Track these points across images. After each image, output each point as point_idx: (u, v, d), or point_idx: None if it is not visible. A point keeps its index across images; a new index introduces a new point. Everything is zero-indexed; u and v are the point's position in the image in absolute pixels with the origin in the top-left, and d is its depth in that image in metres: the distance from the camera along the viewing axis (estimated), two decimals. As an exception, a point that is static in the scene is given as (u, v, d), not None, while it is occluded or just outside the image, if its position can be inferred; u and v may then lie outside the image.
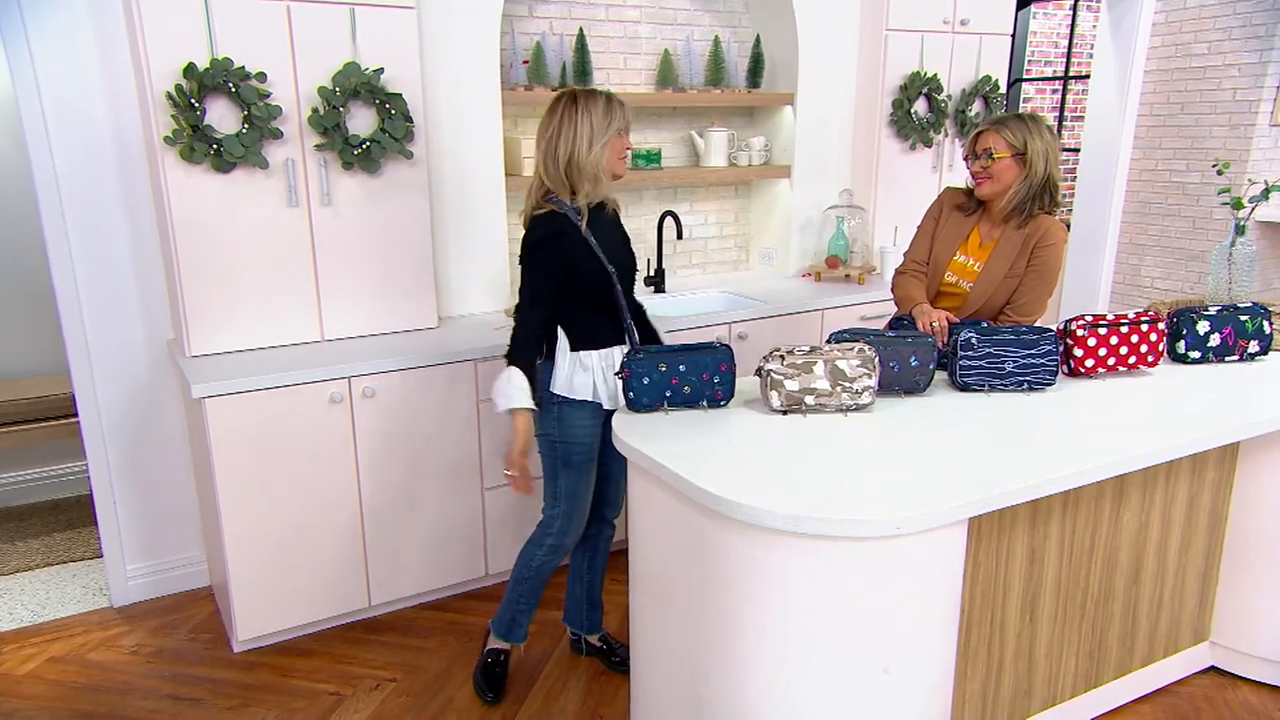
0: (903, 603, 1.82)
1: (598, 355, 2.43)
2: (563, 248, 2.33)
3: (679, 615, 2.01)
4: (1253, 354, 2.69)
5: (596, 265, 2.37)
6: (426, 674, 2.82)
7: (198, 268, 2.78)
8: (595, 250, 2.36)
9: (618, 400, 2.44)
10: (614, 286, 2.40)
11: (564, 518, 2.55)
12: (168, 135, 2.64)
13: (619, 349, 2.45)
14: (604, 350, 2.44)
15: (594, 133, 2.30)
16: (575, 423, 2.45)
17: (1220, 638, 2.77)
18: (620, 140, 2.36)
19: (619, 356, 2.43)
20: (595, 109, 2.31)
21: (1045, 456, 2.00)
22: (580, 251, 2.35)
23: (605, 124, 2.31)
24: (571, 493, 2.54)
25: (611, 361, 2.44)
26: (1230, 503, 2.66)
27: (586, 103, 2.32)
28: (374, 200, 3.00)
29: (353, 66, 2.84)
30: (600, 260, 2.36)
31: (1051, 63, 7.44)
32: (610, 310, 2.43)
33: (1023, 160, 2.55)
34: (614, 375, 2.43)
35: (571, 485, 2.53)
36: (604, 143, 2.31)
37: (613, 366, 2.44)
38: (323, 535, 2.88)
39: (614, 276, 2.39)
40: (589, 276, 2.37)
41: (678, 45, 3.82)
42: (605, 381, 2.45)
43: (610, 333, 2.45)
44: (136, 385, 3.08)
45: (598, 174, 2.33)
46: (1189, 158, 4.91)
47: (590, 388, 2.43)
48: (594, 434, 2.48)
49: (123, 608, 3.20)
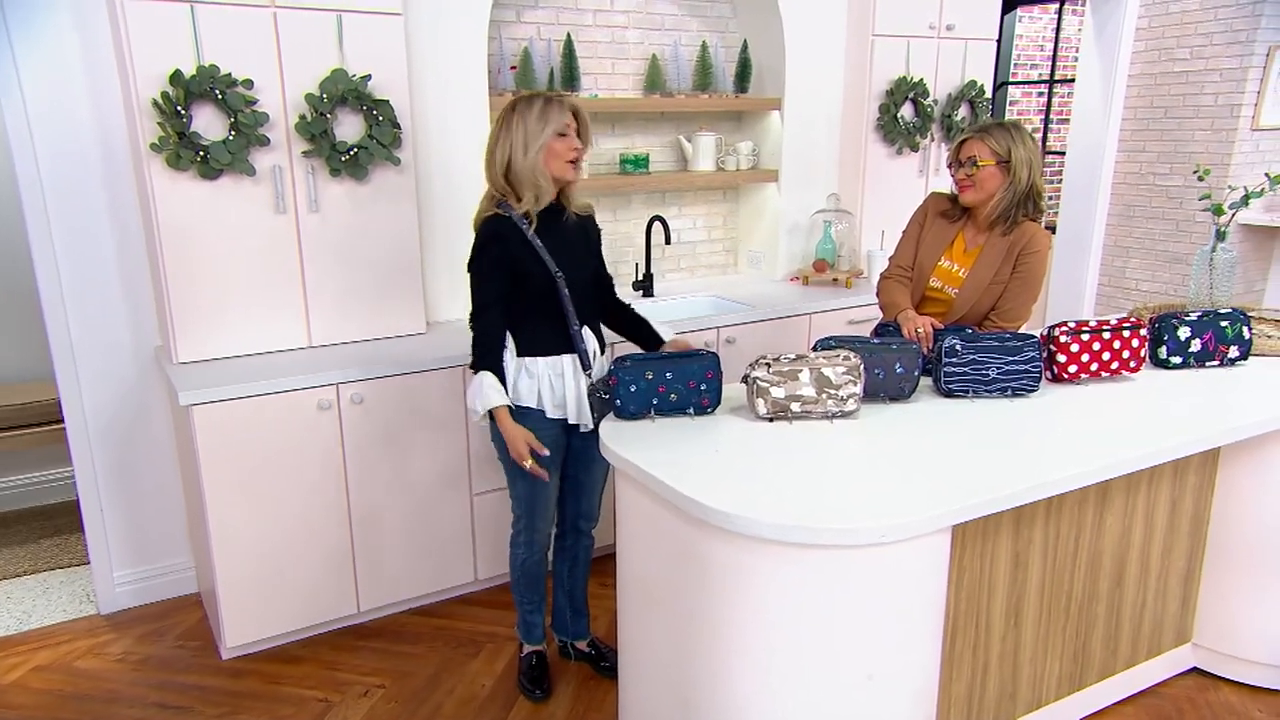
0: (887, 609, 1.84)
1: (544, 362, 2.43)
2: (507, 251, 2.33)
3: (666, 621, 2.02)
4: (1233, 359, 2.71)
5: (541, 270, 2.36)
6: (416, 680, 2.82)
7: (184, 275, 2.78)
8: (541, 255, 2.35)
9: (569, 410, 2.45)
10: (560, 292, 2.38)
11: (525, 519, 2.60)
12: (154, 142, 2.64)
13: (568, 358, 2.44)
14: (551, 358, 2.43)
15: (528, 137, 2.30)
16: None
17: (1202, 639, 2.79)
18: (563, 141, 2.33)
19: (569, 365, 2.43)
20: (530, 113, 2.31)
21: (1029, 463, 2.02)
22: (524, 255, 2.35)
23: (540, 127, 2.30)
24: (529, 500, 2.56)
25: (560, 370, 2.43)
26: (1212, 506, 2.69)
27: (523, 108, 2.32)
28: (362, 206, 3.00)
29: (340, 73, 2.83)
30: (545, 265, 2.36)
31: (1037, 66, 7.48)
32: (557, 317, 2.41)
33: (1006, 168, 2.57)
34: (573, 384, 2.43)
35: (528, 493, 2.55)
36: (539, 146, 2.30)
37: (560, 375, 2.43)
38: (311, 541, 2.88)
39: (560, 281, 2.37)
40: (533, 280, 2.36)
41: (665, 50, 3.83)
42: (553, 390, 2.44)
43: (556, 340, 2.43)
44: (123, 391, 3.07)
45: (535, 178, 2.32)
46: (1172, 161, 4.95)
47: (535, 395, 2.43)
48: (548, 445, 2.45)
49: (110, 615, 3.19)
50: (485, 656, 2.93)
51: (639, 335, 2.63)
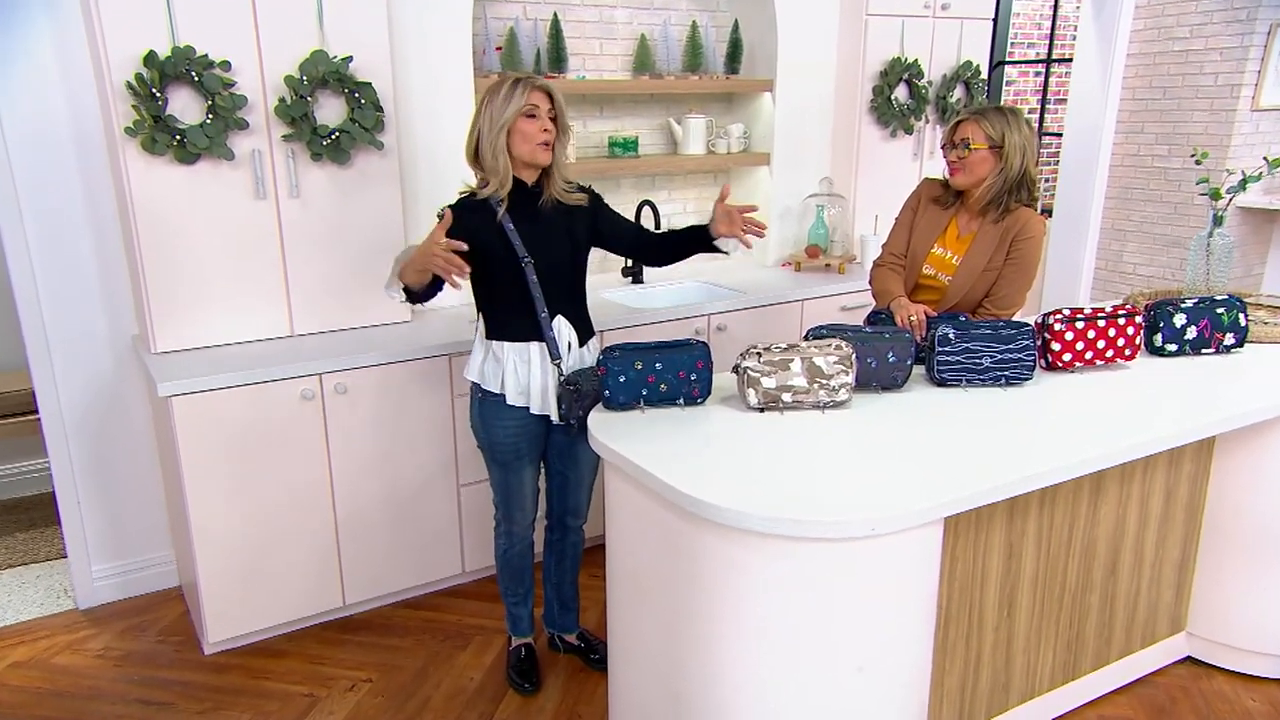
0: (879, 601, 1.87)
1: (510, 348, 2.45)
2: (469, 221, 2.34)
3: (656, 614, 2.05)
4: (1228, 346, 2.75)
5: (508, 254, 2.38)
6: (403, 674, 2.84)
7: (162, 262, 2.78)
8: (510, 239, 2.38)
9: (533, 400, 2.46)
10: (527, 278, 2.40)
11: (502, 509, 2.64)
12: (128, 126, 2.63)
13: (535, 345, 2.45)
14: (518, 344, 2.45)
15: (493, 119, 2.33)
16: (494, 422, 2.48)
17: (1196, 628, 2.84)
18: (531, 123, 2.34)
19: (536, 353, 2.45)
20: (497, 95, 2.33)
21: (1023, 453, 2.05)
22: (491, 237, 2.37)
23: (504, 108, 2.32)
24: (503, 489, 2.60)
25: (526, 357, 2.45)
26: (1206, 495, 2.73)
27: (493, 90, 2.34)
28: (344, 191, 3.00)
29: (320, 54, 2.83)
30: (513, 249, 2.38)
31: (1034, 45, 7.50)
32: (524, 303, 2.42)
33: (999, 153, 2.59)
34: (539, 374, 2.44)
35: (501, 482, 2.59)
36: (500, 126, 2.32)
37: (527, 363, 2.45)
38: (295, 534, 2.90)
39: (529, 268, 2.39)
40: (500, 264, 2.39)
41: (654, 30, 3.83)
42: (517, 376, 2.45)
43: (523, 327, 2.44)
44: (100, 381, 3.07)
45: (495, 160, 2.34)
46: (1171, 143, 4.98)
47: (499, 380, 2.45)
48: (519, 435, 2.49)
49: (89, 610, 3.20)
50: (473, 649, 2.96)
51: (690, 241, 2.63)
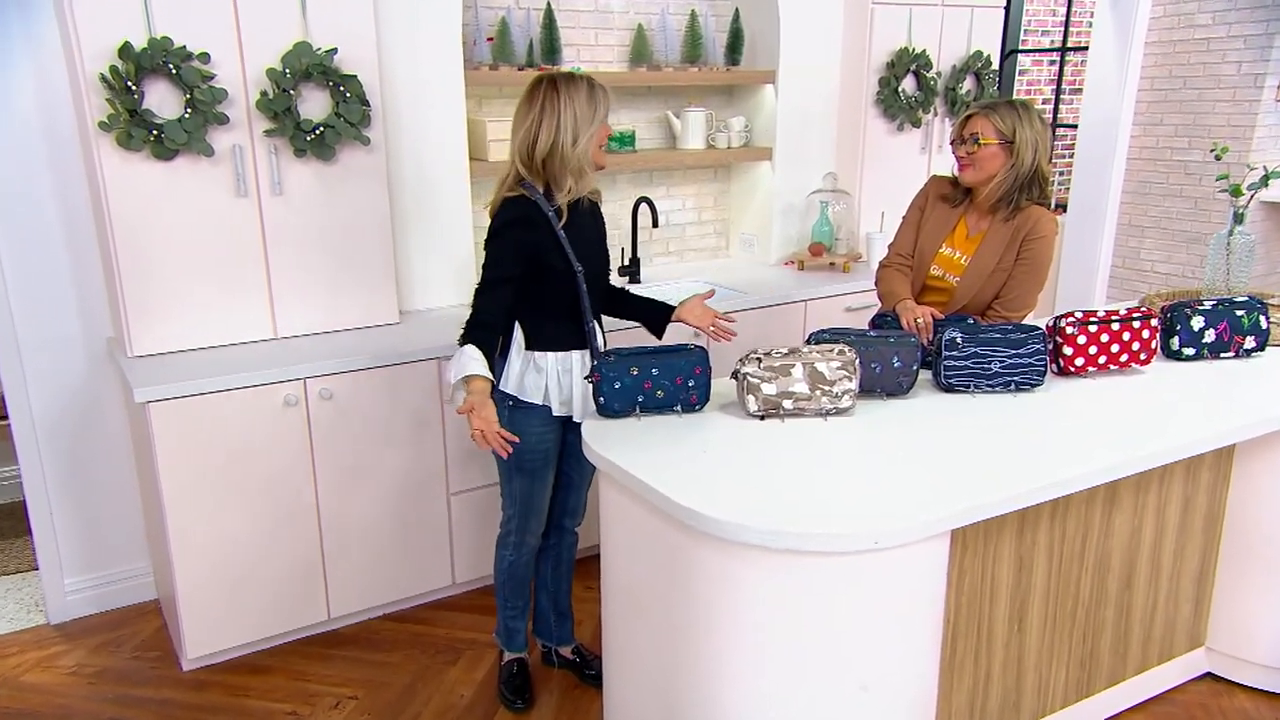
0: (883, 617, 1.87)
1: (554, 358, 2.45)
2: (532, 236, 2.34)
3: (652, 629, 2.05)
4: (1249, 350, 2.75)
5: (565, 265, 2.38)
6: (390, 690, 2.84)
7: (139, 262, 2.77)
8: (566, 249, 2.37)
9: (575, 407, 2.47)
10: (579, 288, 2.41)
11: (519, 519, 2.62)
12: (103, 120, 2.63)
13: (578, 354, 2.46)
14: (561, 354, 2.46)
15: (579, 124, 2.28)
16: (527, 428, 2.46)
17: (1216, 643, 2.84)
18: (604, 130, 2.36)
19: (578, 361, 2.45)
20: (579, 97, 2.29)
21: (1033, 462, 2.05)
22: (550, 246, 2.36)
23: (590, 114, 2.30)
24: (525, 498, 2.59)
25: (569, 366, 2.46)
26: (1226, 504, 2.73)
27: (569, 90, 2.29)
28: (329, 189, 2.99)
29: (304, 46, 2.83)
30: (570, 260, 2.38)
31: (1049, 33, 7.49)
32: (573, 313, 2.44)
33: (1010, 149, 2.59)
34: (580, 380, 2.45)
35: (525, 491, 2.57)
36: (590, 134, 2.30)
37: (569, 371, 2.46)
38: (278, 545, 2.90)
39: (581, 278, 2.40)
40: (555, 275, 2.39)
41: (652, 20, 3.83)
42: (560, 386, 2.46)
43: (570, 337, 2.46)
44: (74, 386, 3.07)
45: (583, 168, 2.33)
46: (1191, 135, 4.97)
47: (542, 391, 2.45)
48: (549, 441, 2.51)
49: (61, 625, 3.20)
50: (464, 664, 2.96)
51: (641, 311, 2.65)
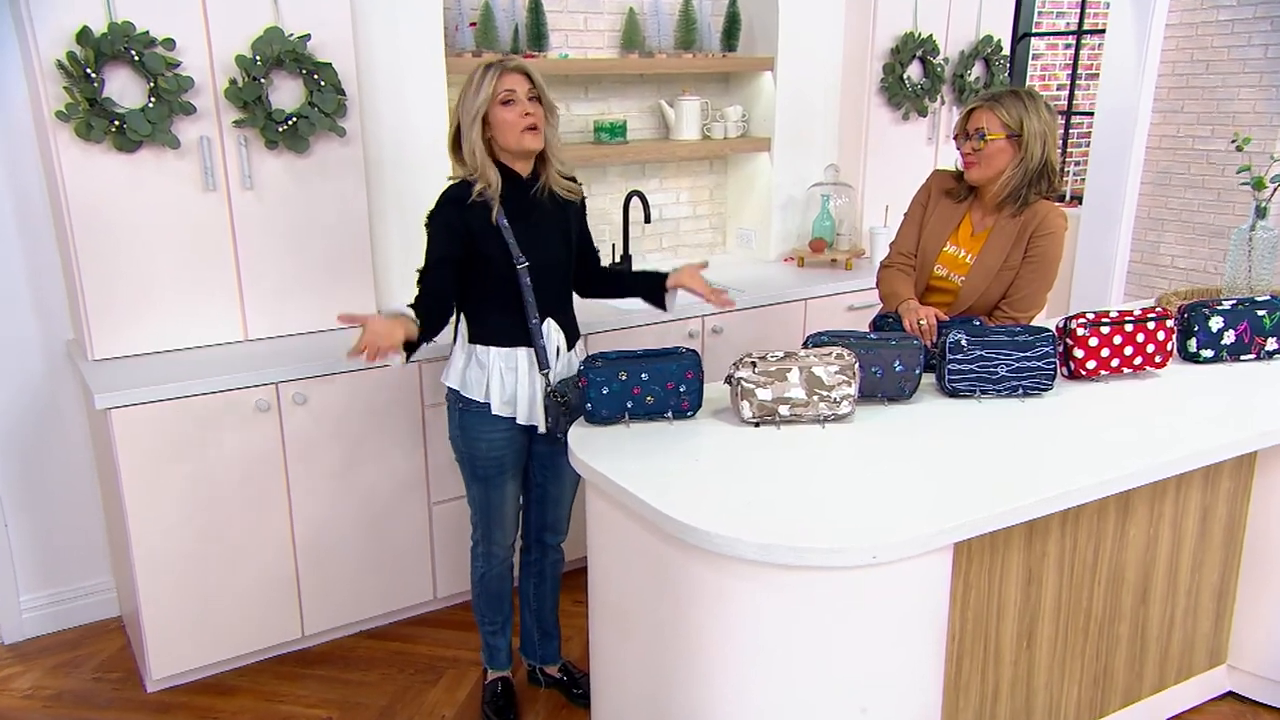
0: (883, 635, 1.87)
1: (496, 354, 2.45)
2: (463, 217, 2.36)
3: (642, 647, 2.05)
4: (1271, 352, 2.75)
5: (502, 255, 2.39)
6: (368, 711, 2.84)
7: (100, 260, 2.77)
8: (505, 238, 2.38)
9: (520, 409, 2.47)
10: (520, 281, 2.41)
11: (483, 527, 2.65)
12: (60, 110, 2.62)
13: (524, 351, 2.46)
14: (504, 350, 2.46)
15: (464, 110, 2.36)
16: (477, 433, 2.48)
17: (1239, 661, 2.84)
18: (510, 109, 2.34)
19: (524, 359, 2.46)
20: (469, 86, 2.35)
21: (1042, 471, 2.05)
22: (485, 235, 2.38)
23: (475, 98, 2.34)
24: (484, 507, 2.60)
25: (513, 364, 2.46)
26: (1248, 514, 2.73)
27: (467, 81, 2.36)
28: (302, 182, 2.99)
29: (275, 32, 2.82)
30: (508, 251, 2.39)
31: (1064, 14, 7.50)
32: (514, 307, 2.43)
33: (1018, 142, 2.58)
34: (527, 382, 2.46)
35: (483, 499, 2.59)
36: (474, 118, 2.34)
37: (514, 370, 2.46)
38: (249, 558, 2.89)
39: (523, 271, 2.40)
40: (491, 264, 2.40)
41: (644, 4, 3.82)
42: (503, 384, 2.46)
43: (512, 332, 2.45)
44: (30, 390, 3.06)
45: (475, 155, 2.36)
46: (1213, 123, 4.96)
47: (484, 388, 2.45)
48: (503, 449, 2.50)
49: (15, 644, 3.18)
50: (445, 684, 2.96)
51: (639, 286, 2.68)
